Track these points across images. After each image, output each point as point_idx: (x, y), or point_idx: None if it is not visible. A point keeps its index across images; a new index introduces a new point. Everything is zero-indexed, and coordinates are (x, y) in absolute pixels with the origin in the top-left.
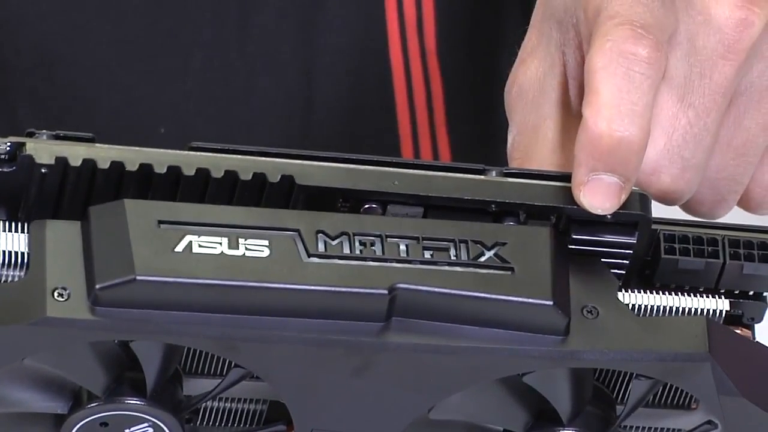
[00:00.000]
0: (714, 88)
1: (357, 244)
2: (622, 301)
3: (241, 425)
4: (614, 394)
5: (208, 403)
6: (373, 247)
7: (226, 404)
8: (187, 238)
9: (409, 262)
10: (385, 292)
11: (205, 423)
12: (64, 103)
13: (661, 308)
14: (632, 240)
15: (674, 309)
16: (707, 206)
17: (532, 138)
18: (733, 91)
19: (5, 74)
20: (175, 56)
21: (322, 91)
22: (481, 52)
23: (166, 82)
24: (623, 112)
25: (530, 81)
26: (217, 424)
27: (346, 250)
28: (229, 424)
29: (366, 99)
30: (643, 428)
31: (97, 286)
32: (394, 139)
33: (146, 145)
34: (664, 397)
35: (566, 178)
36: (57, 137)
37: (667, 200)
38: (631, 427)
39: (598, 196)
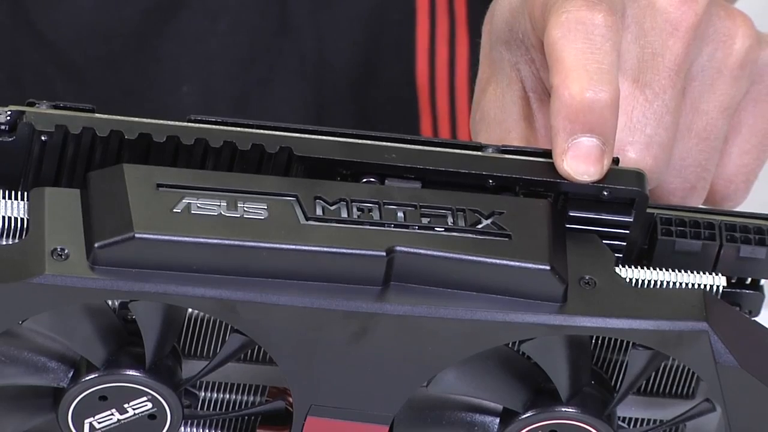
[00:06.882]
0: (668, 65)
1: (355, 209)
2: (619, 274)
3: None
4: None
5: (206, 394)
6: (371, 213)
7: (224, 395)
8: (186, 200)
9: (407, 227)
10: (383, 253)
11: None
12: (99, 74)
13: (659, 283)
14: (629, 219)
15: (671, 284)
16: (679, 195)
17: None
18: (686, 70)
19: (44, 49)
20: (202, 19)
21: (336, 57)
22: None
23: (191, 43)
24: (591, 70)
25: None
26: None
27: (344, 215)
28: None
29: (383, 61)
30: (643, 420)
31: (96, 245)
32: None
33: (170, 102)
34: (663, 386)
35: None
36: (57, 107)
37: None
38: (632, 419)
39: (581, 162)
